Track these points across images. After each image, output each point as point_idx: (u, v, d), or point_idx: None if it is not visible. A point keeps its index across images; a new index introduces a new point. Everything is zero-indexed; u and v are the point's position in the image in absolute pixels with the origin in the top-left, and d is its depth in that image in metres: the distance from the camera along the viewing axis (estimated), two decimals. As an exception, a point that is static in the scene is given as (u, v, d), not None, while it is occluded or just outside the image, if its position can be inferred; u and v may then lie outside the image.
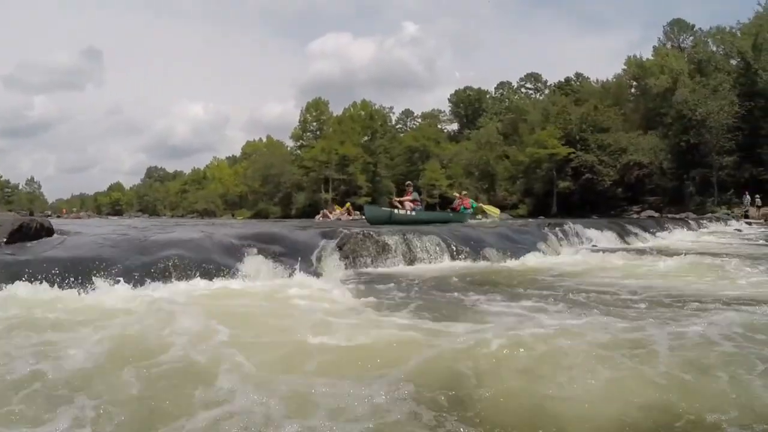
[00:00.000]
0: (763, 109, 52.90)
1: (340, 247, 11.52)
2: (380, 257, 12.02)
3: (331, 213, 40.92)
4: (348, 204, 44.89)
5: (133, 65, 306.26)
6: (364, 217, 40.40)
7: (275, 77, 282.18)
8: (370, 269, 11.37)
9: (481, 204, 27.98)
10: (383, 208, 20.76)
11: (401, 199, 22.23)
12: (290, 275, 9.54)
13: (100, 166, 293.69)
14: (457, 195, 26.33)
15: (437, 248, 12.95)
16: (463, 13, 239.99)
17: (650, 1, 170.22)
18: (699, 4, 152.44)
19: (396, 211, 20.15)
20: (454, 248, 13.21)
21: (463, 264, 12.45)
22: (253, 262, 9.53)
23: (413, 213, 20.74)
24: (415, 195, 22.83)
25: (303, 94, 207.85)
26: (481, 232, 15.64)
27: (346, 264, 11.17)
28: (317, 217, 42.99)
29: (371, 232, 12.75)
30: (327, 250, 11.12)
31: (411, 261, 12.25)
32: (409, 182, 26.29)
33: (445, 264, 12.35)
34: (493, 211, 29.69)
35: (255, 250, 9.91)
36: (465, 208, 24.51)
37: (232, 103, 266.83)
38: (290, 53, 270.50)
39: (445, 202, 76.28)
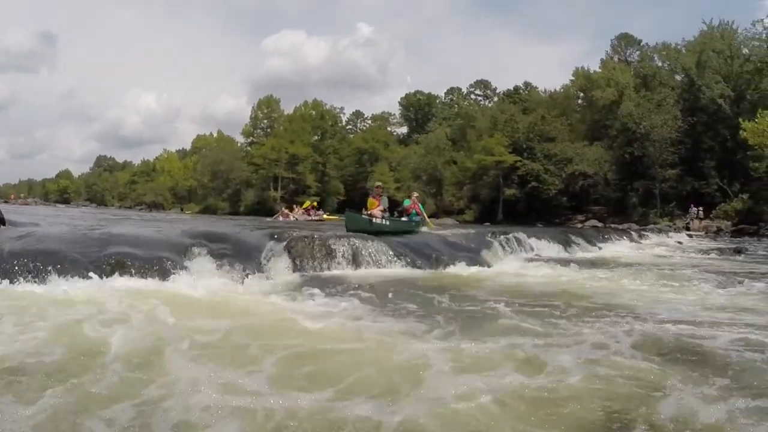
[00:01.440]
0: (705, 125, 53.18)
1: (288, 250, 11.57)
2: (327, 261, 12.12)
3: (289, 212, 38.85)
4: (308, 203, 42.92)
5: (89, 51, 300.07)
6: (322, 216, 38.65)
7: (229, 72, 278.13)
8: (317, 272, 11.49)
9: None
10: (363, 216, 17.89)
11: (374, 211, 19.10)
12: (238, 277, 9.60)
13: (50, 153, 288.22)
14: (410, 197, 22.04)
15: (383, 254, 13.08)
16: (417, 17, 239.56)
17: (599, 15, 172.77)
18: (647, 20, 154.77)
19: (374, 220, 17.68)
20: (400, 254, 13.33)
21: (407, 270, 12.70)
22: (201, 263, 9.58)
23: (387, 222, 18.15)
24: (385, 201, 19.41)
25: (256, 90, 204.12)
26: (426, 239, 15.99)
27: (293, 267, 11.26)
28: (275, 216, 40.81)
29: (319, 236, 12.84)
30: (275, 253, 11.21)
31: (357, 265, 12.40)
32: (379, 183, 22.37)
33: (390, 270, 12.52)
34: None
35: (203, 250, 9.93)
36: (416, 213, 20.86)
37: (185, 96, 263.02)
38: (245, 48, 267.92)
39: (393, 205, 75.10)
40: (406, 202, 21.58)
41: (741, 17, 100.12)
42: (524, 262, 15.88)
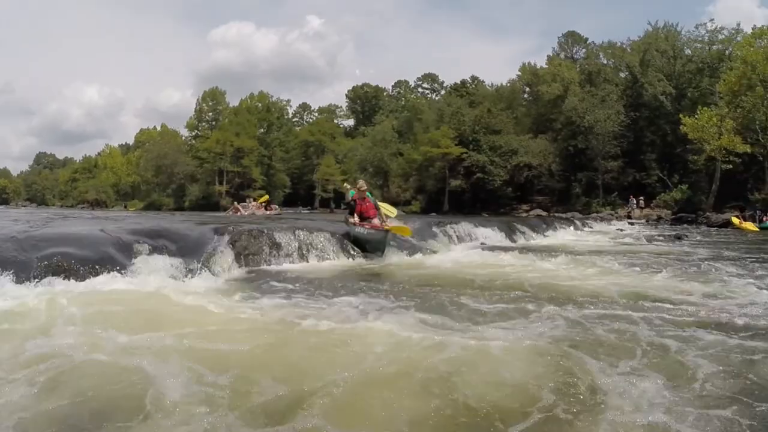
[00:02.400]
0: (647, 119, 55.30)
1: (232, 244, 11.23)
2: (273, 254, 11.86)
3: (242, 207, 37.76)
4: (265, 197, 42.02)
5: (27, 42, 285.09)
6: (279, 211, 37.28)
7: (175, 64, 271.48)
8: (263, 267, 11.24)
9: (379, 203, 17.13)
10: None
11: (376, 220, 14.52)
12: (182, 274, 9.22)
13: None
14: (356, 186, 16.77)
15: (329, 245, 12.88)
16: (366, 10, 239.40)
17: (547, 13, 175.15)
18: (594, 20, 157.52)
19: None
20: (345, 245, 13.22)
21: (354, 262, 12.54)
22: (144, 261, 9.14)
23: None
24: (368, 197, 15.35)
25: (202, 83, 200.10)
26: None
27: (238, 262, 10.98)
28: (228, 211, 39.64)
29: (263, 229, 12.52)
30: (219, 248, 10.82)
31: (304, 258, 12.16)
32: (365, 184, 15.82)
33: (337, 261, 12.38)
34: (390, 210, 18.16)
35: (146, 248, 9.52)
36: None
37: (128, 89, 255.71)
38: (191, 39, 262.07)
39: (340, 197, 74.83)
40: (352, 194, 17.62)
41: (685, 21, 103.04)
42: (470, 250, 15.80)
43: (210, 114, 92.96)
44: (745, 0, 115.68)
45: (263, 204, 38.36)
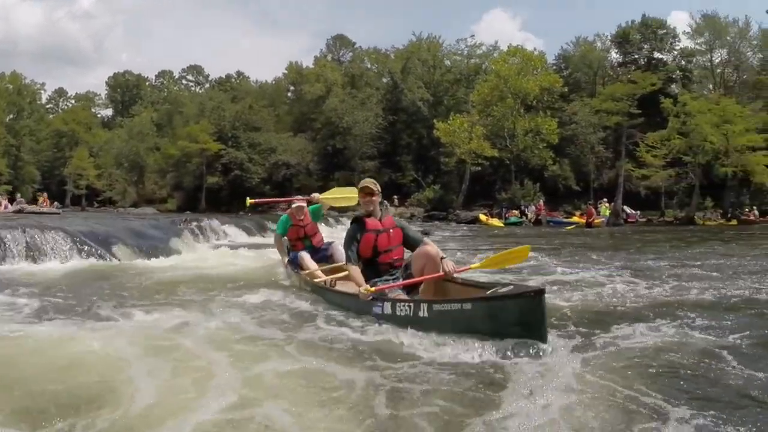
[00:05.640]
0: (404, 123, 56.12)
1: None
2: None
3: (17, 202, 30.44)
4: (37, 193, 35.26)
5: None
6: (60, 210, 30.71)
7: None
8: None
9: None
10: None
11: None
12: None
13: None
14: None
15: (63, 245, 11.57)
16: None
17: (324, 14, 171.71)
18: (365, 25, 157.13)
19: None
20: (82, 245, 11.85)
21: (90, 263, 11.17)
22: None
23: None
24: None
25: None
26: (112, 227, 14.85)
27: None
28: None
29: None
30: None
31: (33, 259, 10.82)
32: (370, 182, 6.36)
33: (73, 263, 10.97)
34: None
35: None
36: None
37: None
38: None
39: (93, 194, 67.77)
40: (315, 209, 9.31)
41: (449, 36, 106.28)
42: (214, 249, 15.18)
43: (-47, 94, 79.41)
44: (507, 24, 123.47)
45: (37, 200, 31.76)
